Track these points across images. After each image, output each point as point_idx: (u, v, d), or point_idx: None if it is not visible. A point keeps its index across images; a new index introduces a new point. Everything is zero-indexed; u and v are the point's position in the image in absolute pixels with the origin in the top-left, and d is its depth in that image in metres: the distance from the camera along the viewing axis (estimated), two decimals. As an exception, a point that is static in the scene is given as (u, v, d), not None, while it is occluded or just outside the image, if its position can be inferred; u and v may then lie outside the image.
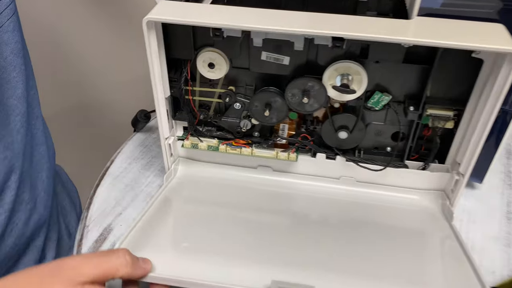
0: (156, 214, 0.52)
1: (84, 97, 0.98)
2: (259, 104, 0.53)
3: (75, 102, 0.96)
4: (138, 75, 0.95)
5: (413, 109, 0.51)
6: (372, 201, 0.56)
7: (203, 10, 0.48)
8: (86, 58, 1.01)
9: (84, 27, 0.95)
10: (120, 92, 1.02)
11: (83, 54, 1.00)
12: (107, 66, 1.02)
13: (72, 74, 0.92)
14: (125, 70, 1.01)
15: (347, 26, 0.45)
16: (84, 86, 0.96)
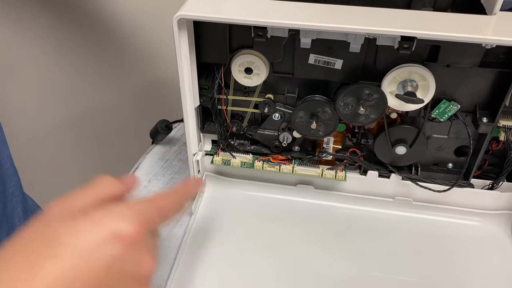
0: (188, 261, 0.46)
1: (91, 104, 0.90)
2: (304, 115, 0.46)
3: (79, 110, 0.89)
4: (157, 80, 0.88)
5: (487, 121, 0.43)
6: (432, 230, 0.49)
7: (243, 6, 0.40)
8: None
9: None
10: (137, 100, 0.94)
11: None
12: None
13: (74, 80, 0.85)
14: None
15: (418, 23, 0.38)
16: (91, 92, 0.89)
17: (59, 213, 0.28)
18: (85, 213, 0.28)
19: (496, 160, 0.49)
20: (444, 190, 0.47)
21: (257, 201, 0.52)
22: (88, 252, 0.27)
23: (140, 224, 0.29)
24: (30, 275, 0.25)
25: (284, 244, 0.47)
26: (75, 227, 0.27)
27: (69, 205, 0.29)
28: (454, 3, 0.49)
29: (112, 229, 0.27)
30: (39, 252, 0.26)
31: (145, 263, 0.29)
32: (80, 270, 0.26)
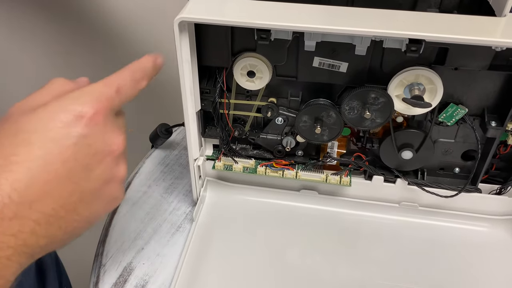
0: (190, 268, 0.45)
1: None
2: (308, 119, 0.45)
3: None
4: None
5: (496, 125, 0.42)
6: (439, 236, 0.48)
7: (245, 7, 0.39)
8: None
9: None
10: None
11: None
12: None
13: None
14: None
15: (426, 25, 0.36)
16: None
17: (19, 110, 0.30)
18: (44, 105, 0.29)
19: (504, 164, 0.48)
20: (451, 196, 0.46)
21: (260, 207, 0.51)
22: (55, 135, 0.28)
23: (98, 103, 0.30)
24: (7, 161, 0.27)
25: (287, 251, 0.46)
26: (37, 116, 0.29)
27: (27, 102, 0.30)
28: (461, 4, 0.48)
29: (72, 112, 0.29)
30: (10, 143, 0.27)
31: (112, 139, 0.31)
32: (52, 151, 0.28)
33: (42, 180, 0.27)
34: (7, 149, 0.27)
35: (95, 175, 0.31)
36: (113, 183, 0.32)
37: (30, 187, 0.27)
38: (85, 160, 0.30)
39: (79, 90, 0.31)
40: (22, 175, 0.27)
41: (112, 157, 0.32)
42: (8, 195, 0.26)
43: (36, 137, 0.28)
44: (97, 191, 0.31)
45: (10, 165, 0.27)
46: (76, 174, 0.29)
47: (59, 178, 0.28)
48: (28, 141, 0.28)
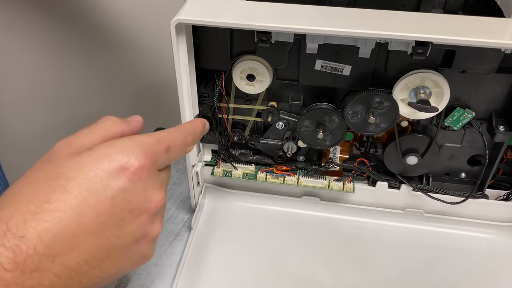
0: (188, 278, 0.43)
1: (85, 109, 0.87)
2: (310, 124, 0.43)
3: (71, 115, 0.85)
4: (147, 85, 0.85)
5: (504, 129, 0.41)
6: (445, 243, 0.47)
7: (245, 9, 0.38)
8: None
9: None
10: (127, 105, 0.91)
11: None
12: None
13: (66, 84, 0.82)
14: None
15: (433, 27, 0.35)
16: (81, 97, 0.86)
17: (64, 151, 0.28)
18: (90, 149, 0.28)
19: (510, 168, 0.47)
20: (457, 202, 0.45)
21: (260, 213, 0.49)
22: (94, 185, 0.26)
23: (145, 157, 0.28)
24: (40, 209, 0.25)
25: (288, 259, 0.45)
26: (80, 161, 0.27)
27: (74, 142, 0.29)
28: (466, 4, 0.47)
29: (117, 162, 0.27)
30: (47, 187, 0.26)
31: (152, 196, 0.29)
32: (87, 202, 0.26)
33: (71, 233, 0.26)
34: (42, 194, 0.26)
35: (127, 232, 0.29)
36: (145, 241, 0.30)
37: (57, 239, 0.25)
38: (120, 215, 0.28)
39: (130, 138, 0.29)
40: (51, 226, 0.25)
41: (149, 215, 0.30)
42: (34, 246, 0.25)
43: (74, 186, 0.26)
44: (126, 249, 0.29)
45: (42, 213, 0.25)
46: (107, 230, 0.27)
47: (89, 232, 0.27)
48: (65, 189, 0.26)
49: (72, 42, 0.75)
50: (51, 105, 0.80)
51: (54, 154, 0.28)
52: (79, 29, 0.75)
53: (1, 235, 0.24)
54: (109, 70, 0.82)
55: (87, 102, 0.83)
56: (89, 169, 0.27)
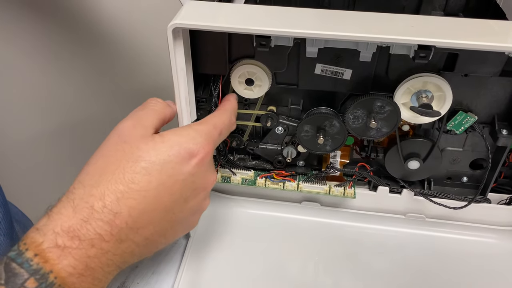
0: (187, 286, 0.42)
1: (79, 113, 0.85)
2: (310, 129, 0.43)
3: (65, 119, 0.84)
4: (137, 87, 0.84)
5: (507, 133, 0.40)
6: (447, 248, 0.46)
7: (243, 12, 0.37)
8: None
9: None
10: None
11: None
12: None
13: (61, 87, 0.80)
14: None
15: (436, 30, 0.34)
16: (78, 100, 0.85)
17: (134, 132, 0.32)
18: (160, 135, 0.32)
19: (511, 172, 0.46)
20: (460, 207, 0.44)
21: (260, 220, 0.49)
22: (170, 170, 0.31)
23: (208, 145, 0.34)
24: (128, 188, 0.30)
25: (289, 265, 0.44)
26: (156, 147, 0.31)
27: (138, 124, 0.33)
28: (467, 6, 0.46)
29: (187, 150, 0.32)
30: (129, 168, 0.30)
31: (210, 177, 0.35)
32: (165, 184, 0.31)
33: (152, 209, 0.31)
34: (128, 175, 0.30)
35: (189, 206, 0.34)
36: (198, 213, 0.36)
37: (141, 214, 0.30)
38: (186, 194, 0.33)
39: (192, 129, 0.34)
40: (138, 203, 0.30)
41: (206, 192, 0.36)
42: (126, 221, 0.29)
43: (154, 169, 0.31)
44: (185, 220, 0.35)
45: (130, 192, 0.30)
46: (176, 206, 0.33)
47: (164, 209, 0.32)
48: (147, 171, 0.30)
49: (67, 45, 0.74)
50: (45, 110, 0.78)
51: (126, 134, 0.32)
52: (74, 33, 0.74)
53: (98, 211, 0.29)
54: (106, 74, 0.81)
55: (82, 106, 0.81)
56: (165, 155, 0.31)
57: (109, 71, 0.80)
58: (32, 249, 0.28)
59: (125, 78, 0.81)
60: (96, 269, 0.29)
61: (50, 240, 0.28)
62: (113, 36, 0.77)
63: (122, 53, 0.79)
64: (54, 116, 0.80)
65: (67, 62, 0.76)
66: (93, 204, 0.29)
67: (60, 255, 0.28)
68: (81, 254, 0.28)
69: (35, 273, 0.27)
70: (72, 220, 0.28)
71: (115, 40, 0.77)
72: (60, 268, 0.28)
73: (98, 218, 0.29)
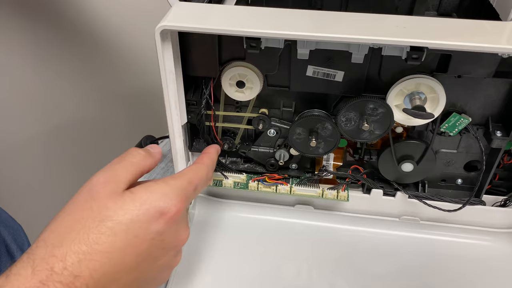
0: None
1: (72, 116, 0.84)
2: (302, 131, 0.42)
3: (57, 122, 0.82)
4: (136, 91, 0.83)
5: (501, 135, 0.40)
6: (442, 251, 0.45)
7: (233, 14, 0.36)
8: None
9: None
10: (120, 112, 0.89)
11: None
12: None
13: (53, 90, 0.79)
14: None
15: (428, 32, 0.34)
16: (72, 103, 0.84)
17: (104, 189, 0.31)
18: (131, 192, 0.31)
19: (507, 174, 0.45)
20: (455, 210, 0.44)
21: (253, 223, 0.48)
22: (138, 229, 0.30)
23: (181, 203, 0.32)
24: (91, 250, 0.28)
25: (282, 269, 0.44)
26: (125, 206, 0.30)
27: (111, 179, 0.32)
28: (460, 7, 0.46)
29: (157, 208, 0.31)
30: (95, 228, 0.29)
31: (181, 234, 0.34)
32: (131, 244, 0.30)
33: (116, 270, 0.29)
34: (92, 235, 0.29)
35: (157, 265, 0.33)
36: (168, 270, 0.35)
37: (104, 276, 0.29)
38: (155, 253, 0.32)
39: (166, 184, 0.32)
40: (101, 265, 0.29)
41: (176, 250, 0.35)
42: (86, 283, 0.28)
43: (120, 229, 0.29)
44: (153, 278, 0.34)
45: (93, 254, 0.28)
46: (143, 265, 0.32)
47: (129, 269, 0.30)
48: (112, 231, 0.29)
49: (58, 48, 0.73)
50: (37, 113, 0.77)
51: (96, 190, 0.31)
52: (67, 35, 0.73)
53: (58, 273, 0.27)
54: (97, 77, 0.80)
55: (74, 109, 0.81)
56: (133, 214, 0.30)
57: (101, 74, 0.80)
58: None
59: (117, 79, 0.81)
60: None
61: None
62: (106, 38, 0.76)
63: (115, 55, 0.78)
64: (44, 119, 0.79)
65: (60, 64, 0.75)
66: (53, 266, 0.28)
67: None
68: None
69: None
70: (30, 282, 0.27)
71: (108, 42, 0.76)
72: None
73: (57, 280, 0.27)
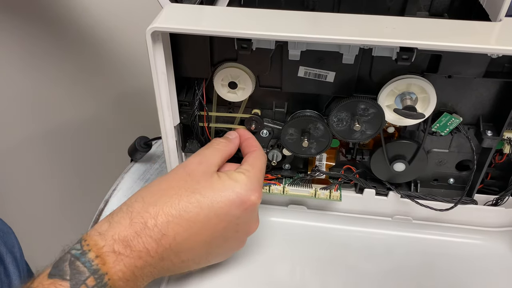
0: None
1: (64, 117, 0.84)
2: (294, 132, 0.42)
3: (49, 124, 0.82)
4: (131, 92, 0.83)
5: (492, 134, 0.40)
6: (434, 250, 0.45)
7: (224, 15, 0.37)
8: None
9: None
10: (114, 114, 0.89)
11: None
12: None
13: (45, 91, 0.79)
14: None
15: (418, 32, 0.34)
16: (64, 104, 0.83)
17: (199, 168, 0.37)
18: (219, 176, 0.36)
19: (499, 173, 0.46)
20: (447, 209, 0.44)
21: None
22: (219, 210, 0.35)
23: (258, 192, 0.37)
24: (179, 215, 0.34)
25: (275, 270, 0.44)
26: (213, 184, 0.36)
27: (204, 161, 0.37)
28: (451, 7, 0.46)
29: (239, 196, 0.35)
30: (186, 197, 0.35)
31: (253, 224, 0.39)
32: (211, 221, 0.35)
33: (193, 239, 0.35)
34: (182, 202, 0.34)
35: (227, 245, 0.38)
36: (232, 251, 0.41)
37: (185, 241, 0.34)
38: (228, 234, 0.37)
39: (246, 175, 0.37)
40: (184, 231, 0.34)
41: (245, 236, 0.39)
42: (170, 243, 0.34)
43: (206, 204, 0.35)
44: (219, 254, 0.40)
45: (180, 219, 0.34)
46: (216, 242, 0.37)
47: (205, 242, 0.36)
48: (199, 204, 0.34)
49: (50, 49, 0.73)
50: (28, 116, 0.77)
51: (191, 168, 0.37)
52: (57, 36, 0.73)
53: (150, 228, 0.33)
54: (90, 78, 0.79)
55: (67, 111, 0.80)
56: (218, 195, 0.35)
57: (95, 74, 0.79)
58: (94, 251, 0.32)
59: (111, 80, 0.81)
60: (138, 277, 0.33)
61: (109, 245, 0.32)
62: (99, 39, 0.76)
63: (108, 55, 0.78)
64: (36, 121, 0.79)
65: (52, 65, 0.75)
66: (147, 221, 0.33)
67: (115, 260, 0.32)
68: (130, 263, 0.32)
69: (94, 273, 0.31)
70: (128, 231, 0.33)
71: (101, 42, 0.76)
72: (113, 272, 0.32)
73: (148, 234, 0.33)
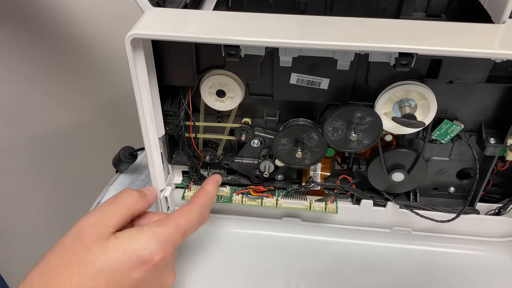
0: None
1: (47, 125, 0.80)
2: (287, 142, 0.40)
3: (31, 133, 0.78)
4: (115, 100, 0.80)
5: (495, 142, 0.38)
6: (435, 262, 0.44)
7: (210, 20, 0.34)
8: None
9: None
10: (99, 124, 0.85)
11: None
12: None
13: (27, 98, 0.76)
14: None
15: (418, 36, 0.32)
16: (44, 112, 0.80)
17: (92, 231, 0.32)
18: (115, 238, 0.32)
19: (501, 180, 0.44)
20: (448, 220, 0.42)
21: (238, 238, 0.46)
22: (119, 276, 0.31)
23: (164, 250, 0.32)
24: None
25: (269, 284, 0.41)
26: (108, 252, 0.31)
27: (101, 222, 0.32)
28: (449, 8, 0.44)
29: (139, 257, 0.31)
30: (78, 272, 0.30)
31: (166, 279, 0.34)
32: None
33: None
34: (75, 279, 0.30)
35: None
36: None
37: None
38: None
39: (151, 231, 0.32)
40: None
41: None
42: None
43: (102, 275, 0.30)
44: None
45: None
46: None
47: None
48: (94, 277, 0.30)
49: (34, 55, 0.70)
50: (9, 124, 0.74)
51: (84, 233, 0.32)
52: (42, 41, 0.70)
53: None
54: (75, 86, 0.76)
55: (51, 119, 0.77)
56: (115, 261, 0.31)
57: (80, 82, 0.76)
58: None
59: (95, 88, 0.77)
60: None
61: None
62: (84, 45, 0.73)
63: (93, 63, 0.75)
64: (18, 130, 0.75)
65: (35, 72, 0.72)
66: None
67: None
68: None
69: None
70: None
71: (85, 49, 0.73)
72: None
73: None
